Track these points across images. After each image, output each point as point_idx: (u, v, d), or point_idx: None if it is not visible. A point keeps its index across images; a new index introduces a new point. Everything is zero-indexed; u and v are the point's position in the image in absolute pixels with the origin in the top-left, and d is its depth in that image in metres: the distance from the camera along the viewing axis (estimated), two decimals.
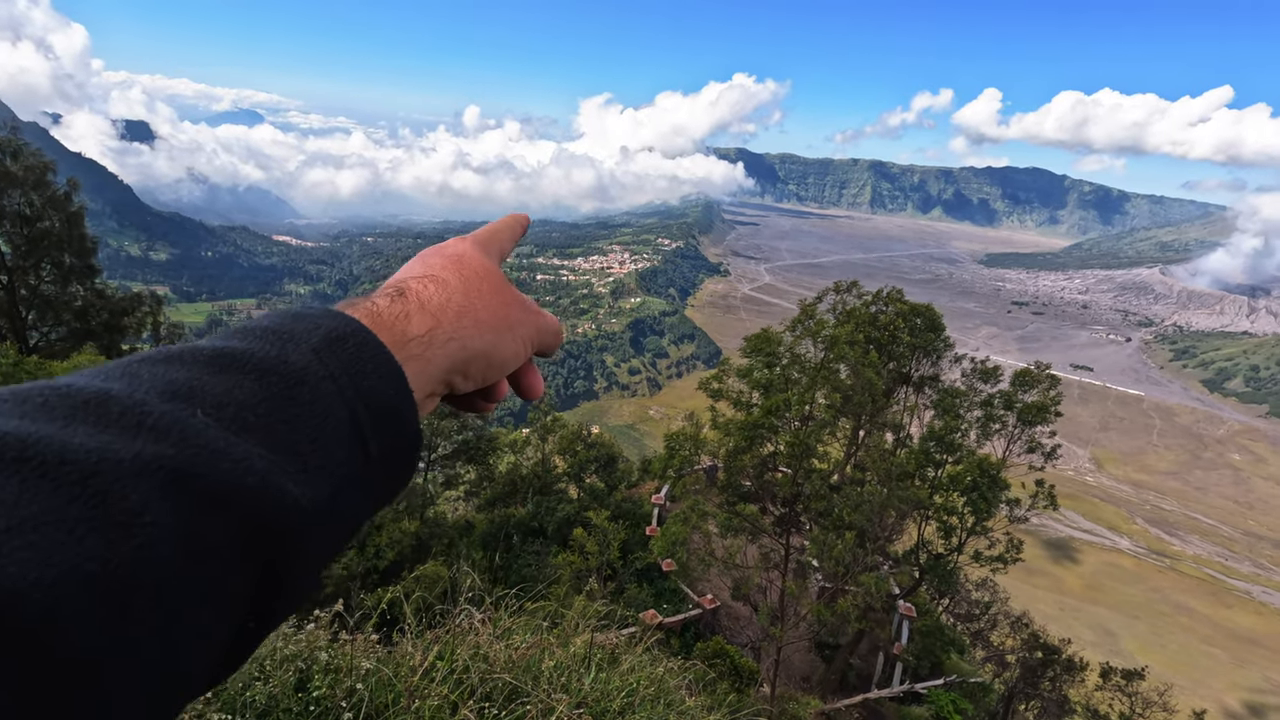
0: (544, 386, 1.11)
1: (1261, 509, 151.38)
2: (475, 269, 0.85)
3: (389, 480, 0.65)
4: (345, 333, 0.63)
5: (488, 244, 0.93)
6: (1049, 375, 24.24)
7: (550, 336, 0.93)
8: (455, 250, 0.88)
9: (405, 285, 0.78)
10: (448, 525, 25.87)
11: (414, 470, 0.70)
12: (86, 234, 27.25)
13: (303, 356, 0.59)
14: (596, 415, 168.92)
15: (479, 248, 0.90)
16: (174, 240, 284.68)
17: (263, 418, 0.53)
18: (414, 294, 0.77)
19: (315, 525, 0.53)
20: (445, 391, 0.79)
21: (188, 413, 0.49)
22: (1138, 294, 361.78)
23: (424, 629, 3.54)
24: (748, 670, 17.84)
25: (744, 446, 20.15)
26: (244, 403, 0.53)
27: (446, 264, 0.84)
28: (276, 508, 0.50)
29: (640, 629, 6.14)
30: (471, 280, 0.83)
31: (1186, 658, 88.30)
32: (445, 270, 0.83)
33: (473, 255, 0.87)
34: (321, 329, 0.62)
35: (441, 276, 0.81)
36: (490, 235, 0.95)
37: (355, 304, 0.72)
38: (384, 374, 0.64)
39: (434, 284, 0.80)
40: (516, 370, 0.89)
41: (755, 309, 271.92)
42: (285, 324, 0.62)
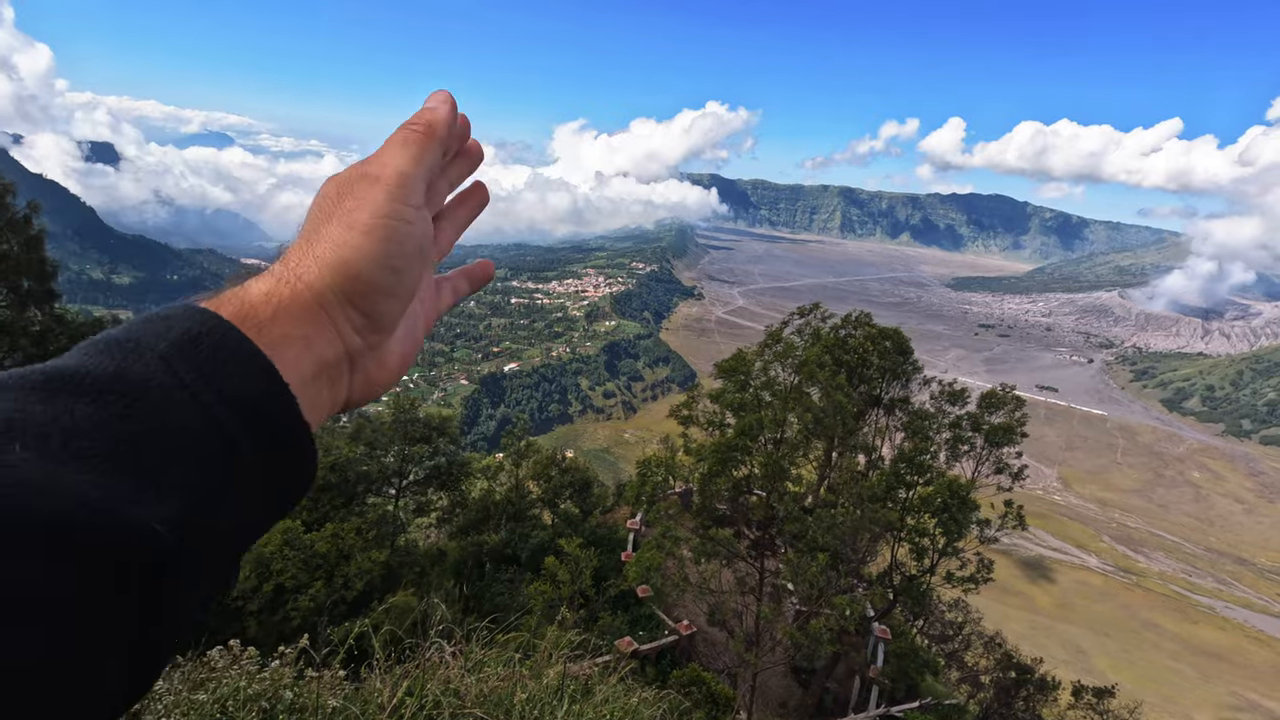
0: (492, 267, 1.05)
1: (1221, 525, 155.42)
2: (321, 193, 0.77)
3: (279, 479, 0.60)
4: (200, 331, 0.58)
5: (361, 163, 0.79)
6: (1014, 397, 24.80)
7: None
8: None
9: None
10: (419, 553, 25.38)
11: (311, 462, 0.63)
12: (46, 258, 26.53)
13: (146, 367, 0.54)
14: (571, 439, 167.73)
15: (344, 173, 0.79)
16: (138, 264, 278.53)
17: (97, 442, 0.48)
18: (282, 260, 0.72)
19: (179, 547, 0.49)
20: (358, 344, 0.73)
21: (3, 448, 0.44)
22: (1098, 316, 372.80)
23: (393, 663, 3.48)
24: (724, 697, 17.68)
25: (718, 470, 20.18)
26: (73, 429, 0.48)
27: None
28: (119, 538, 0.45)
29: (614, 658, 6.09)
30: (313, 208, 0.76)
31: (1155, 674, 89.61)
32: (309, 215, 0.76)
33: (324, 184, 0.78)
34: (174, 330, 0.57)
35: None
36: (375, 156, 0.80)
37: (227, 293, 0.67)
38: (247, 368, 0.58)
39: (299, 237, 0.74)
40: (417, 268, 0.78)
41: (729, 332, 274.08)
42: (133, 332, 0.57)
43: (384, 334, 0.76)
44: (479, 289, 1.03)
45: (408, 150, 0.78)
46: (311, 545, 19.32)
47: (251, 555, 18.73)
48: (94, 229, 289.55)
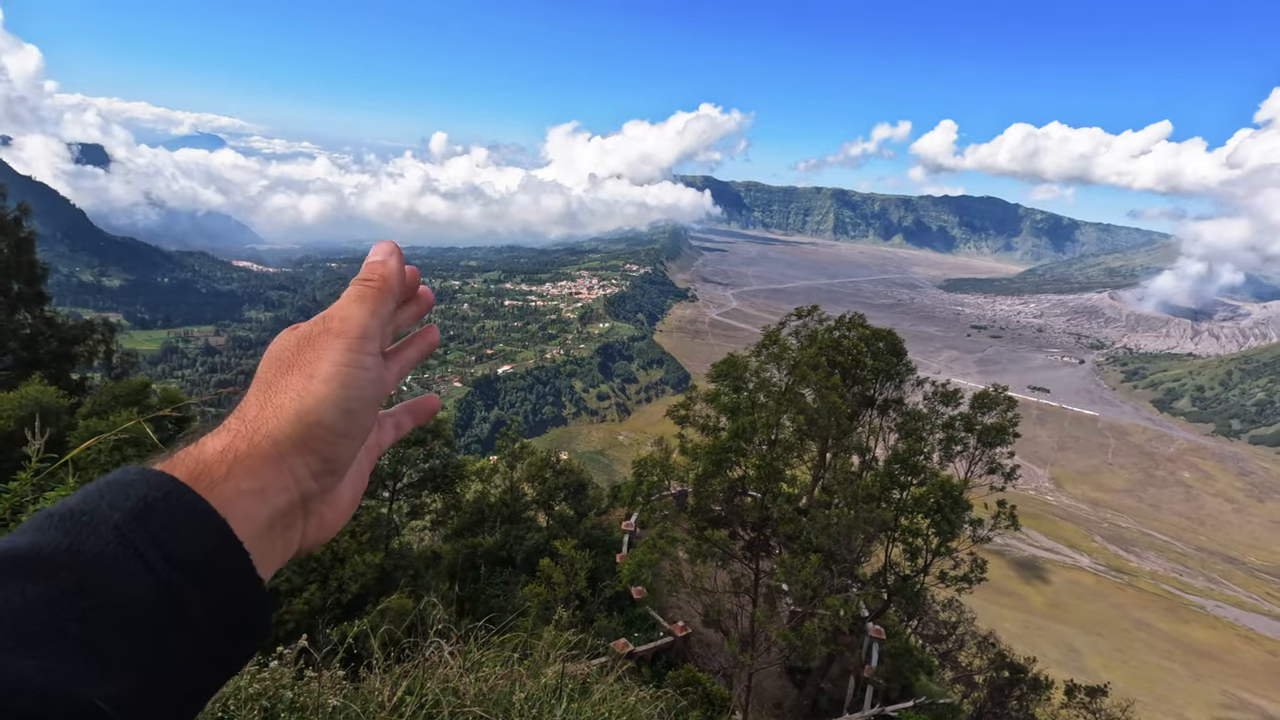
0: (436, 402, 1.09)
1: (1211, 525, 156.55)
2: (279, 345, 0.82)
3: (232, 638, 0.61)
4: (156, 497, 0.60)
5: (320, 319, 0.86)
6: (1007, 397, 24.91)
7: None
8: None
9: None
10: (413, 556, 25.30)
11: (265, 618, 0.66)
12: (36, 260, 26.42)
13: (100, 540, 0.55)
14: (565, 441, 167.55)
15: (297, 327, 0.85)
16: (128, 266, 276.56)
17: (46, 624, 0.49)
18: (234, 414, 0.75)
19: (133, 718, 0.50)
20: (313, 488, 0.76)
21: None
22: (1089, 317, 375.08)
23: (392, 663, 3.49)
24: (719, 698, 17.70)
25: (712, 471, 20.22)
26: (22, 611, 0.49)
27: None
28: (67, 718, 0.46)
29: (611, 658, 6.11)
30: (268, 359, 0.81)
31: (1147, 673, 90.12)
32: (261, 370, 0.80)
33: (280, 337, 0.83)
34: (130, 499, 0.59)
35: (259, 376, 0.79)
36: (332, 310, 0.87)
37: (181, 452, 0.69)
38: (201, 530, 0.60)
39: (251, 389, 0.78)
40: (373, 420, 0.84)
41: (723, 333, 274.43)
42: (89, 502, 0.58)
43: (338, 476, 0.79)
44: (422, 423, 1.07)
45: (364, 304, 0.84)
46: None
47: None
48: (84, 231, 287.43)
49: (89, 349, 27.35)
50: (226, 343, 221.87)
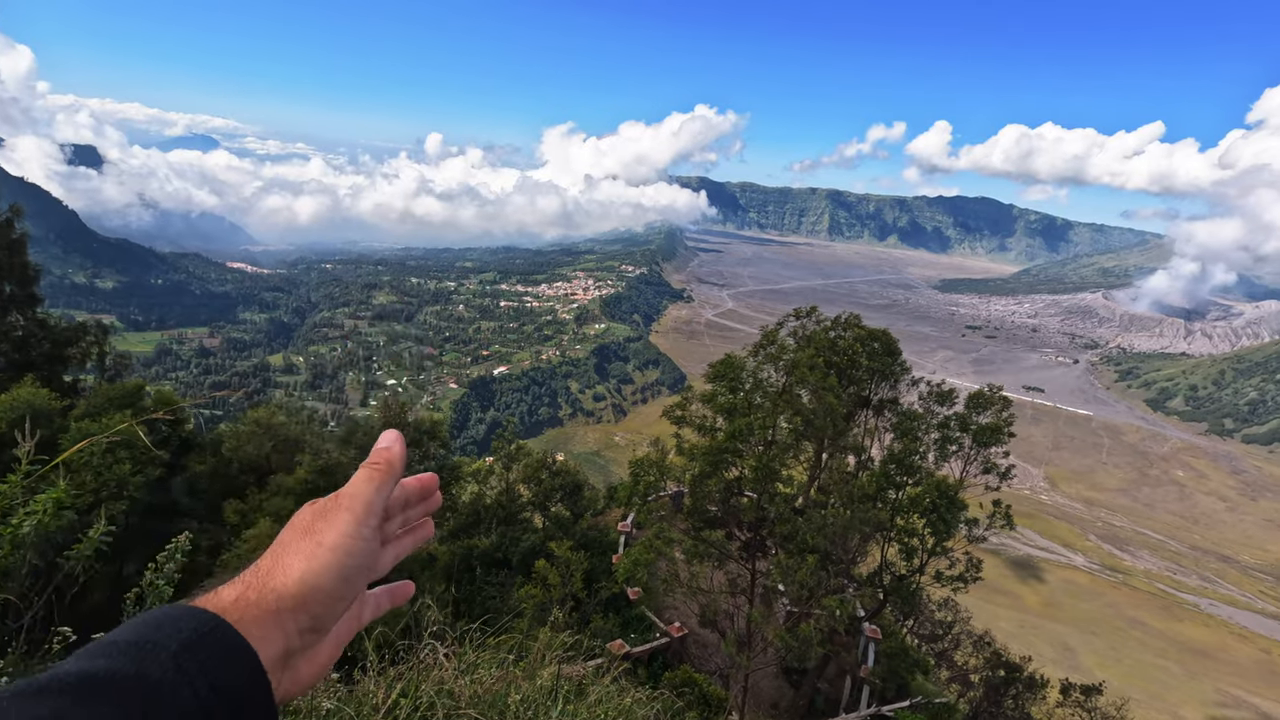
0: (411, 587, 1.27)
1: (1205, 523, 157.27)
2: (299, 515, 0.97)
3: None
4: (204, 631, 0.75)
5: (334, 496, 1.00)
6: (1002, 397, 24.96)
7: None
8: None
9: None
10: (409, 558, 25.21)
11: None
12: (28, 262, 26.29)
13: (160, 667, 0.67)
14: (561, 442, 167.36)
15: (316, 502, 0.99)
16: (122, 268, 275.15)
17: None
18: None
19: None
20: (298, 644, 0.88)
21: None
22: (1083, 317, 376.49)
23: (386, 666, 3.47)
24: (716, 698, 17.69)
25: (709, 471, 20.21)
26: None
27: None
28: None
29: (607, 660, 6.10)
30: (289, 526, 0.95)
31: (1142, 671, 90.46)
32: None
33: (302, 509, 0.98)
34: (184, 633, 0.73)
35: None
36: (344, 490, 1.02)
37: (203, 597, 0.84)
38: (236, 663, 0.75)
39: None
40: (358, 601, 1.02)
41: (719, 334, 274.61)
42: (148, 634, 0.71)
43: (321, 635, 0.92)
44: (397, 606, 1.23)
45: (370, 484, 1.00)
46: None
47: (241, 561, 18.53)
48: (77, 233, 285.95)
49: (81, 351, 27.21)
50: (221, 344, 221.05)
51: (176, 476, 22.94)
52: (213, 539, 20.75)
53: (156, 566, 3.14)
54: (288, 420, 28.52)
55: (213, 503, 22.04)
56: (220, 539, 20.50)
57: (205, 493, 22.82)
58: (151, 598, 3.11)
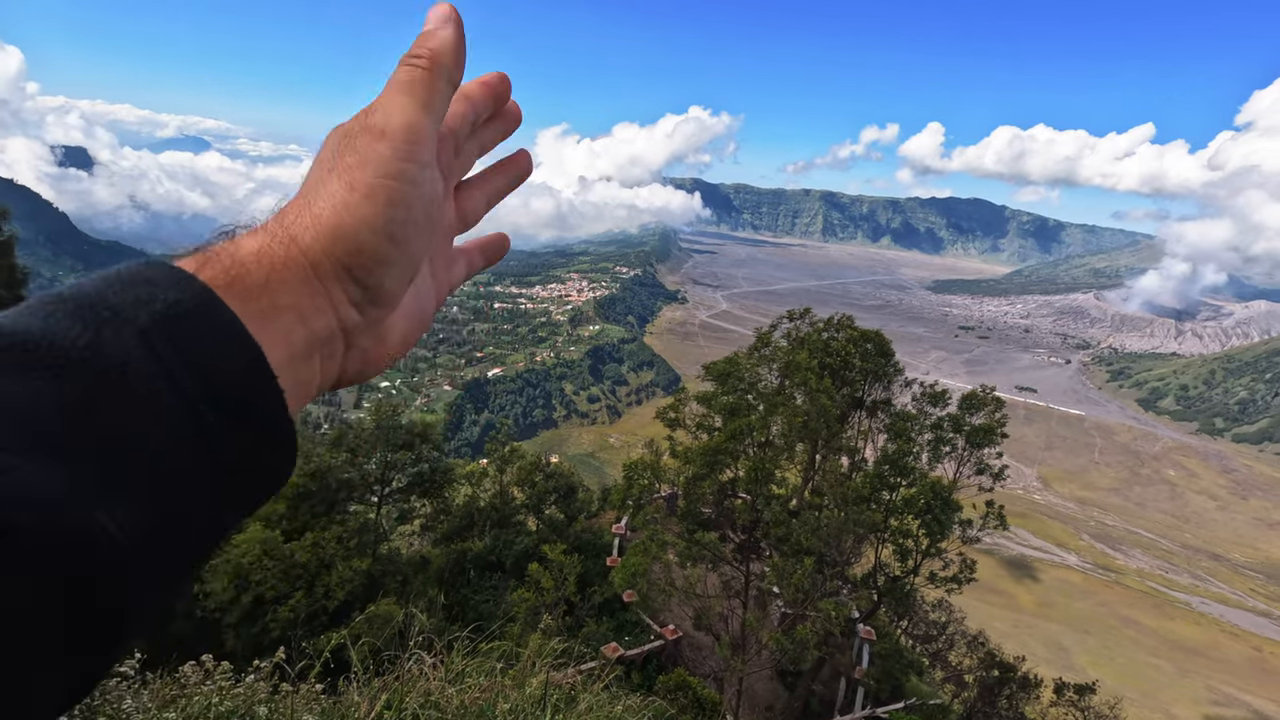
0: (508, 241, 0.96)
1: (1196, 522, 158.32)
2: (324, 145, 0.69)
3: (256, 478, 0.54)
4: (188, 307, 0.51)
5: (362, 112, 0.69)
6: (994, 398, 25.05)
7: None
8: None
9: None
10: (402, 561, 25.09)
11: (289, 460, 0.57)
12: (16, 264, 26.05)
13: (123, 345, 0.46)
14: (556, 444, 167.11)
15: (342, 124, 0.69)
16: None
17: (59, 428, 0.42)
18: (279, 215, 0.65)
19: (135, 555, 0.43)
20: (355, 319, 0.66)
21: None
22: (1075, 318, 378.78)
23: (372, 676, 3.41)
24: (710, 702, 17.64)
25: (704, 473, 20.19)
26: (30, 410, 0.41)
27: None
28: (77, 543, 0.39)
29: (600, 664, 6.04)
30: (316, 161, 0.68)
31: (1135, 670, 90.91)
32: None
33: (328, 137, 0.69)
34: (159, 301, 0.50)
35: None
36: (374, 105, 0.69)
37: (215, 248, 0.60)
38: (233, 353, 0.52)
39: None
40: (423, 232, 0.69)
41: (713, 335, 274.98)
42: (112, 292, 0.49)
43: (385, 309, 0.68)
44: (494, 263, 0.95)
45: (414, 96, 0.67)
46: (291, 555, 19.02)
47: (230, 566, 18.40)
48: (67, 235, 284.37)
49: None
50: None
51: None
52: None
53: None
54: None
55: None
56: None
57: None
58: None
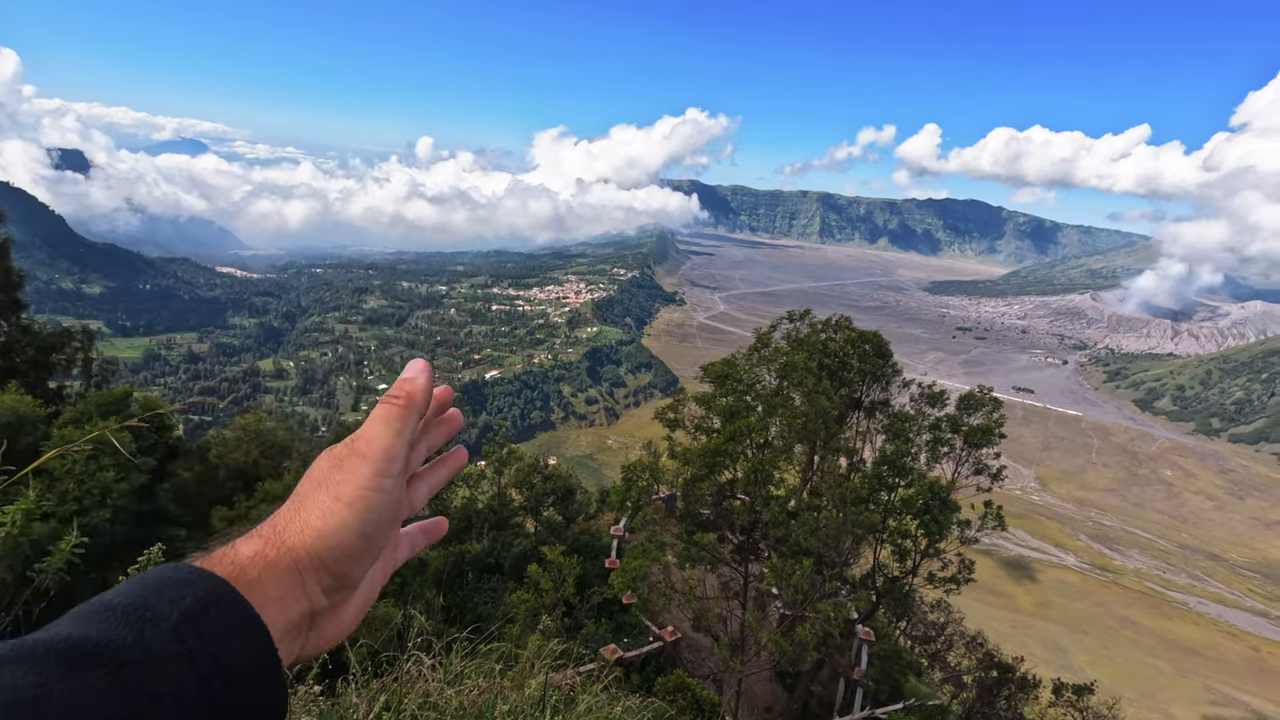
0: (445, 524, 1.14)
1: (1193, 522, 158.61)
2: (316, 465, 0.87)
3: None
4: (211, 599, 0.65)
5: (349, 440, 0.88)
6: (992, 398, 25.04)
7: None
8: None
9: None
10: (399, 563, 25.02)
11: (280, 712, 0.69)
12: (13, 267, 25.99)
13: (160, 638, 0.59)
14: (554, 446, 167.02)
15: (336, 448, 0.88)
16: (109, 272, 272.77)
17: (108, 715, 0.52)
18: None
19: None
20: (323, 604, 0.80)
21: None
22: (1072, 319, 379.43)
23: (370, 678, 3.40)
24: (709, 703, 17.61)
25: (703, 474, 20.16)
26: (91, 706, 0.52)
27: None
28: None
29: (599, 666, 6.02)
30: (306, 477, 0.85)
31: (1133, 670, 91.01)
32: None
33: (319, 458, 0.87)
34: (188, 599, 0.64)
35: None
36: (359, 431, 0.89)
37: (218, 551, 0.76)
38: (243, 633, 0.66)
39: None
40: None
41: (711, 337, 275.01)
42: (148, 599, 0.62)
43: (348, 593, 0.85)
44: (433, 543, 1.10)
45: (390, 426, 0.86)
46: None
47: None
48: (63, 237, 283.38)
49: (67, 357, 26.91)
50: (210, 350, 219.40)
51: (163, 483, 22.68)
52: (200, 547, 20.52)
53: (129, 577, 3.05)
54: (276, 426, 28.29)
55: (200, 510, 21.80)
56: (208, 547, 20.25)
57: (192, 500, 22.57)
58: None
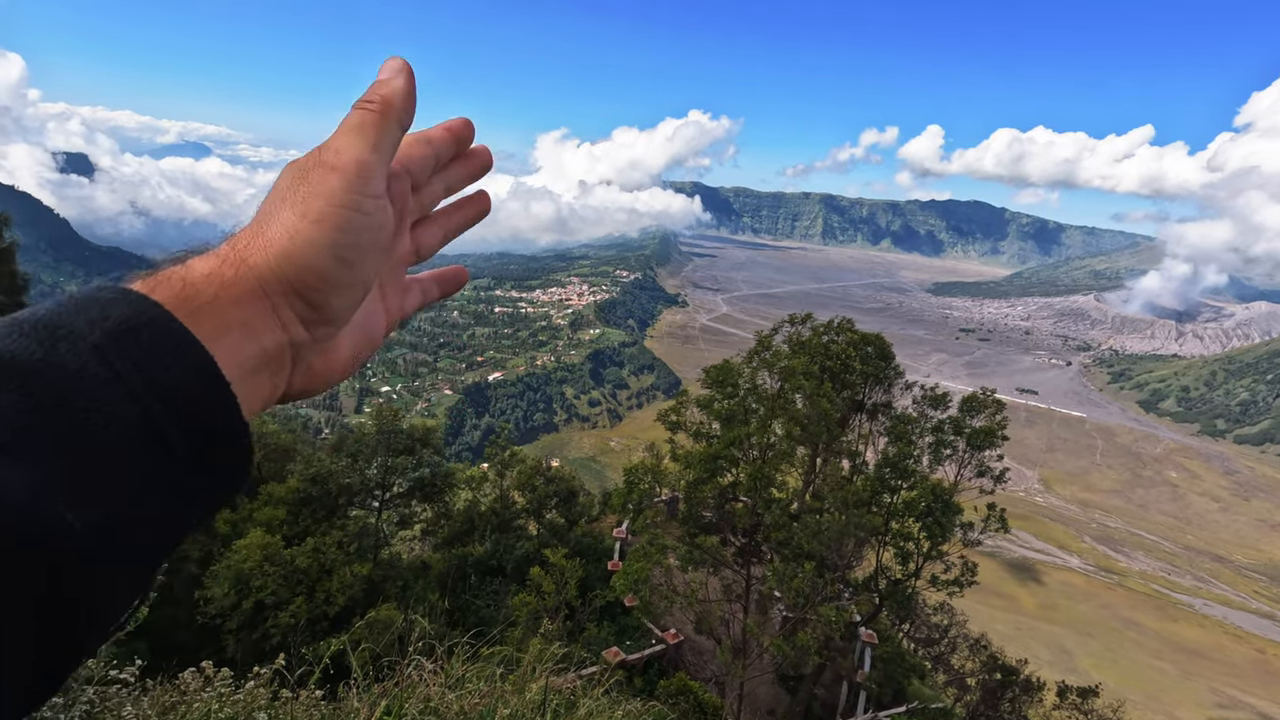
0: (466, 273, 1.00)
1: (1198, 524, 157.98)
2: (278, 180, 0.73)
3: (212, 477, 0.58)
4: (139, 322, 0.55)
5: (316, 149, 0.74)
6: (995, 400, 25.00)
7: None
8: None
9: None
10: (402, 566, 25.08)
11: (246, 463, 0.61)
12: (17, 270, 26.10)
13: (79, 356, 0.51)
14: (556, 448, 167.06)
15: (301, 159, 0.74)
16: (114, 275, 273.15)
17: (22, 433, 0.46)
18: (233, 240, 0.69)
19: (99, 550, 0.47)
20: (303, 336, 0.70)
21: None
22: (1075, 320, 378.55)
23: (372, 682, 3.41)
24: (711, 707, 17.60)
25: (704, 478, 20.17)
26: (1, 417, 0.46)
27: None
28: (44, 537, 0.43)
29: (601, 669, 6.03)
30: (269, 194, 0.73)
31: (1138, 673, 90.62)
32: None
33: (282, 172, 0.74)
34: (111, 319, 0.54)
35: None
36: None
37: (166, 270, 0.64)
38: (186, 362, 0.56)
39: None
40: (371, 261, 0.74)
41: (713, 339, 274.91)
42: (65, 315, 0.53)
43: (332, 327, 0.73)
44: (450, 295, 0.98)
45: (364, 135, 0.73)
46: (292, 560, 19.00)
47: (231, 571, 18.39)
48: (68, 241, 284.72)
49: None
50: None
51: None
52: (203, 549, 20.59)
53: None
54: (278, 429, 28.35)
55: None
56: (211, 549, 20.33)
57: None
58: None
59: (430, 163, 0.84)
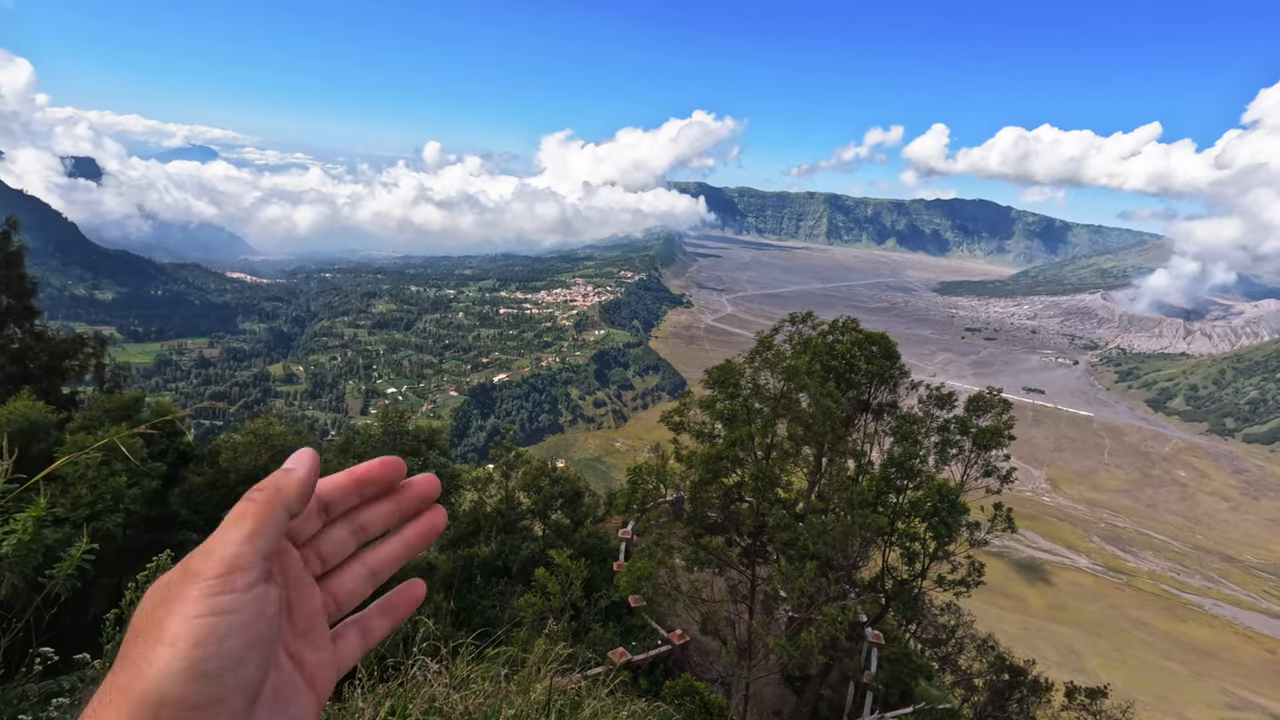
0: (421, 587, 0.96)
1: (1208, 523, 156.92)
2: (141, 604, 0.69)
3: None
4: None
5: (186, 558, 0.70)
6: (1002, 399, 24.90)
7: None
8: None
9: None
10: (408, 567, 25.08)
11: None
12: (26, 274, 26.30)
13: None
14: (562, 449, 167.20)
15: (167, 575, 0.69)
16: (121, 279, 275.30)
17: None
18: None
19: None
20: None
21: None
22: (1082, 319, 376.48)
23: (377, 682, 3.42)
24: (717, 707, 17.57)
25: (708, 478, 20.15)
26: None
27: None
28: None
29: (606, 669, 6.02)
30: (131, 624, 0.68)
31: (1147, 673, 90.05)
32: None
33: (150, 590, 0.69)
34: None
35: None
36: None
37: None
38: None
39: None
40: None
41: (718, 339, 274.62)
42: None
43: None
44: (405, 617, 0.90)
45: (240, 528, 0.69)
46: None
47: None
48: (76, 244, 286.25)
49: (79, 363, 27.18)
50: (221, 355, 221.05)
51: (174, 488, 22.87)
52: None
53: (136, 585, 3.10)
54: (286, 430, 28.46)
55: (211, 515, 21.96)
56: None
57: (204, 504, 22.74)
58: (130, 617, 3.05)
59: (316, 522, 0.81)
